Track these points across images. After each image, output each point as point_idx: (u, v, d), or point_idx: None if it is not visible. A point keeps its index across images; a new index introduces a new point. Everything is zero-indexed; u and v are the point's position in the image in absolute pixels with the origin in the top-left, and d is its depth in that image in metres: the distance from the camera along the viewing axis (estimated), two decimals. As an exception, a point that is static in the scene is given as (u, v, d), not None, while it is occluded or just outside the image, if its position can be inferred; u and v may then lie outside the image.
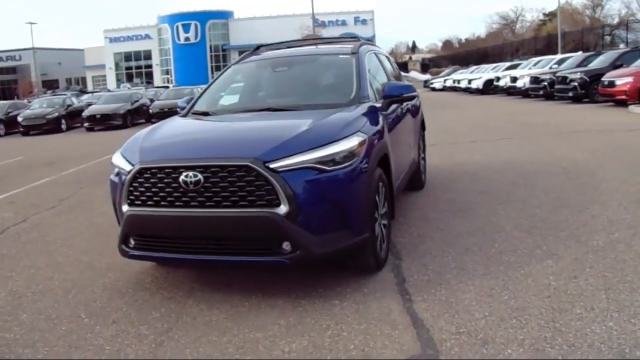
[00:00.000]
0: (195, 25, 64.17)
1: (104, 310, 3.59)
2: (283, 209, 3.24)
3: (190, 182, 3.34)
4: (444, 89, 35.54)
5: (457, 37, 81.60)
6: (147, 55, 68.25)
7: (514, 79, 24.27)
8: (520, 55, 40.04)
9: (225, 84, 5.22)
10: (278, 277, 3.86)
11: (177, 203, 3.42)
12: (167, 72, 66.42)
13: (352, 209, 3.45)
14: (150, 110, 22.81)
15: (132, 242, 3.68)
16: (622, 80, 14.68)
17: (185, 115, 4.80)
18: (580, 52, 25.59)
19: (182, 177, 3.37)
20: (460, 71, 36.60)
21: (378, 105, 4.43)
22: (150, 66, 68.48)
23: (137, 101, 23.66)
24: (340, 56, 5.01)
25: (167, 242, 3.58)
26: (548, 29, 49.88)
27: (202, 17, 64.40)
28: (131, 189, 3.57)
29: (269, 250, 3.36)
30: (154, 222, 3.54)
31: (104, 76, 69.30)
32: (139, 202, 3.56)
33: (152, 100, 24.70)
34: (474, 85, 29.92)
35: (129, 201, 3.59)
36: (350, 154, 3.44)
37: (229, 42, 65.85)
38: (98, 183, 8.61)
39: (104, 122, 21.82)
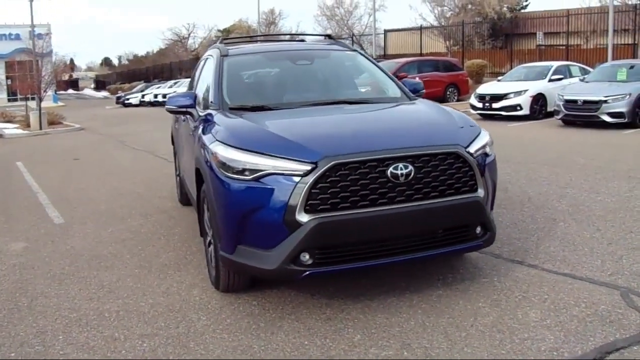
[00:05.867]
0: None
1: (285, 351, 2.98)
2: (481, 192, 3.40)
3: (401, 174, 3.14)
4: (142, 104, 34.44)
5: (133, 52, 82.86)
6: None
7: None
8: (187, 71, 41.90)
9: (239, 76, 4.66)
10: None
11: (380, 200, 3.14)
12: None
13: (495, 192, 3.81)
14: None
15: (309, 258, 3.14)
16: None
17: (221, 110, 4.04)
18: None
19: (390, 170, 3.14)
20: (157, 86, 36.35)
21: None
22: None
23: None
24: (347, 52, 5.11)
25: (363, 248, 3.22)
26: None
27: None
28: (316, 191, 3.08)
29: (466, 236, 3.44)
30: (353, 227, 3.11)
31: None
32: (326, 207, 3.09)
33: None
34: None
35: (308, 207, 3.09)
36: (491, 142, 3.77)
37: None
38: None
39: None
